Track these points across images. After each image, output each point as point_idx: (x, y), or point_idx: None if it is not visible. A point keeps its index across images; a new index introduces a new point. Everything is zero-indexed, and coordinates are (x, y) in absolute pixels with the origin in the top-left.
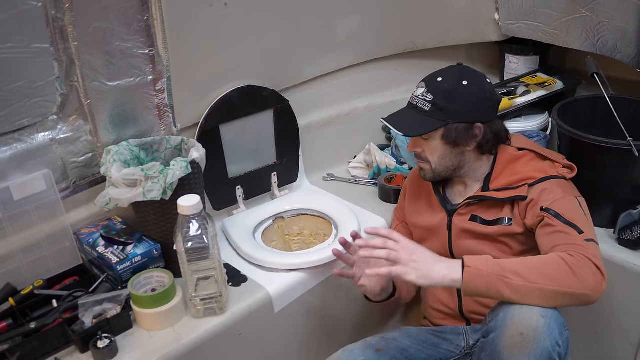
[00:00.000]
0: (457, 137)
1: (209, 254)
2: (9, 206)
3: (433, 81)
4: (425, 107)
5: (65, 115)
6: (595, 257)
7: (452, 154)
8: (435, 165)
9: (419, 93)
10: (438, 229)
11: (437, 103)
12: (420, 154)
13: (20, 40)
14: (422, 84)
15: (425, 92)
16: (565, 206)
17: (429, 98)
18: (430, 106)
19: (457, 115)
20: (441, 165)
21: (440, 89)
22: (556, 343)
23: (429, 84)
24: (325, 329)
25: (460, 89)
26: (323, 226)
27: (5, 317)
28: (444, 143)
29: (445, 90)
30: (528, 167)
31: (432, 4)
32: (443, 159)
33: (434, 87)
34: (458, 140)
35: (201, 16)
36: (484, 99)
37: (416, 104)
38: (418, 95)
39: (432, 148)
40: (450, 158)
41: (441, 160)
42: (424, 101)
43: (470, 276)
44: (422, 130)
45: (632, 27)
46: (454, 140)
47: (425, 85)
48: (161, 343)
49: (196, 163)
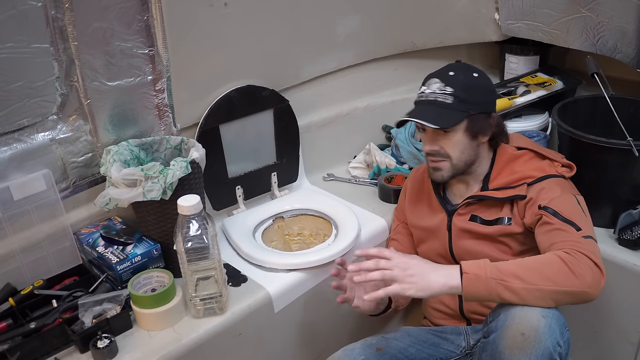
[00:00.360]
0: (479, 128)
1: (209, 254)
2: (9, 206)
3: (446, 75)
4: (447, 100)
5: (65, 115)
6: (593, 254)
7: (470, 147)
8: (456, 161)
9: (435, 88)
10: (438, 230)
11: (458, 95)
12: (439, 151)
13: (20, 40)
14: (435, 79)
15: (443, 86)
16: (563, 204)
17: (449, 91)
18: (452, 98)
19: (477, 105)
20: (461, 160)
21: (457, 82)
22: (557, 343)
23: (443, 78)
24: (325, 328)
25: (474, 80)
26: (323, 226)
27: (5, 317)
28: (465, 135)
29: (462, 82)
30: (527, 166)
31: (432, 4)
32: (463, 153)
33: (450, 80)
34: (479, 131)
35: (201, 16)
36: (492, 90)
37: (435, 99)
38: (434, 91)
39: (454, 142)
40: (469, 152)
41: (461, 155)
42: (444, 94)
43: (469, 282)
44: (450, 121)
45: (632, 27)
46: (477, 131)
47: (441, 79)
48: (161, 343)
49: (196, 163)
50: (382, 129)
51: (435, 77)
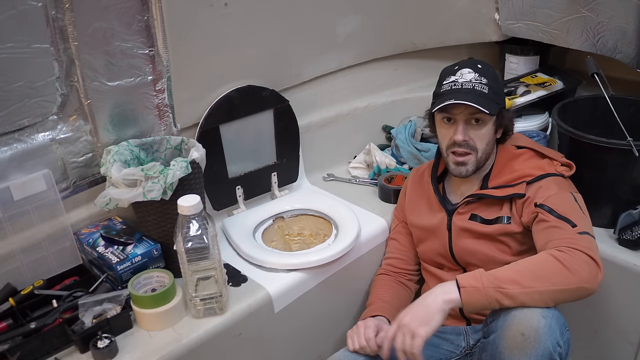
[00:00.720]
0: (504, 121)
1: (209, 254)
2: (9, 206)
3: (476, 66)
4: (484, 89)
5: (65, 115)
6: (588, 249)
7: (492, 141)
8: (481, 154)
9: (471, 77)
10: (438, 229)
11: (492, 86)
12: (468, 143)
13: (20, 40)
14: (468, 69)
15: (477, 76)
16: (559, 201)
17: (484, 81)
18: (488, 89)
19: (503, 100)
20: (485, 152)
21: (489, 74)
22: (557, 343)
23: (475, 69)
24: (325, 328)
25: (497, 75)
26: (323, 226)
27: (5, 317)
28: (493, 128)
29: (493, 74)
30: (526, 165)
31: (432, 4)
32: (488, 146)
33: (483, 72)
34: (503, 125)
35: (201, 16)
36: None
37: (473, 87)
38: (470, 80)
39: (483, 134)
40: (491, 145)
41: (486, 147)
42: (481, 84)
43: (468, 295)
44: (494, 110)
45: (632, 27)
46: (501, 125)
47: (473, 69)
48: (161, 343)
49: (196, 163)
50: (382, 129)
51: (467, 67)
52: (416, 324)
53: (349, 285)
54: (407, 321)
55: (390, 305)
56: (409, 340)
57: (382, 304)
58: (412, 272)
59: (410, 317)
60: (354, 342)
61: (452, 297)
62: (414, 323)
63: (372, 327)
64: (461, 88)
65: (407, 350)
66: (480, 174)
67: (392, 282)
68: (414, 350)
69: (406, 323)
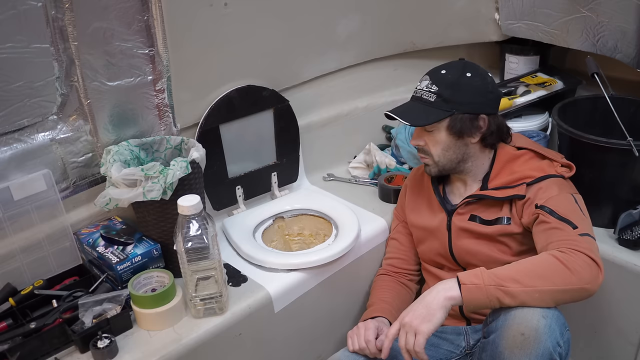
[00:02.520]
0: (462, 128)
1: (209, 254)
2: (9, 206)
3: (437, 73)
4: (430, 97)
5: (65, 115)
6: (589, 250)
7: (456, 146)
8: (437, 158)
9: (423, 85)
10: (437, 229)
11: (441, 94)
12: (423, 147)
13: (20, 40)
14: (426, 76)
15: (429, 84)
16: (559, 203)
17: (434, 89)
18: (435, 97)
19: (462, 105)
20: (445, 157)
21: (444, 80)
22: (557, 343)
23: (432, 76)
24: (325, 329)
25: (464, 80)
26: (323, 226)
27: (5, 317)
28: (448, 134)
29: (449, 81)
30: (526, 166)
31: (432, 4)
32: (447, 151)
33: (438, 79)
34: (463, 131)
35: (201, 16)
36: (487, 91)
37: (420, 95)
38: (422, 88)
39: (436, 140)
40: (454, 150)
41: (445, 153)
42: (429, 92)
43: (469, 293)
44: (427, 120)
45: (632, 27)
46: (459, 131)
47: (430, 77)
48: (161, 343)
49: (196, 163)
50: (382, 129)
51: (427, 74)
52: (418, 322)
53: (349, 285)
54: (409, 320)
55: (391, 306)
56: (412, 338)
57: (383, 305)
58: (413, 272)
59: (411, 315)
60: (354, 342)
61: (453, 294)
62: (416, 321)
63: (372, 329)
64: (413, 96)
65: (411, 349)
66: (479, 175)
67: (393, 283)
68: (417, 348)
69: (408, 321)
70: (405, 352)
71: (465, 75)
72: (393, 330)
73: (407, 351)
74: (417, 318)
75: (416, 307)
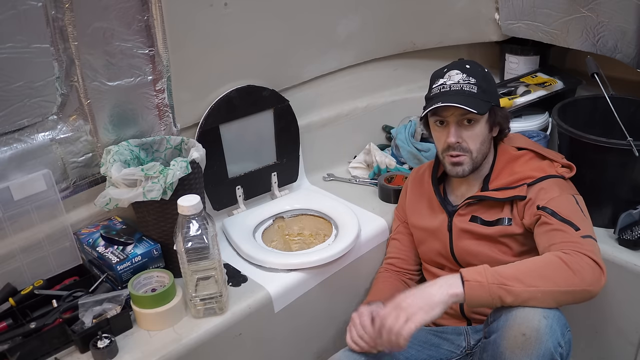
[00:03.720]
0: (497, 120)
1: (209, 254)
2: (9, 206)
3: (464, 67)
4: (473, 89)
5: (65, 115)
6: (592, 253)
7: (487, 140)
8: (476, 154)
9: (460, 78)
10: (438, 230)
11: (481, 85)
12: (461, 144)
13: (20, 40)
14: (455, 71)
15: (466, 77)
16: (561, 204)
17: (473, 81)
18: (477, 88)
19: (495, 97)
20: (480, 152)
21: (478, 73)
22: (558, 344)
23: (463, 69)
24: (325, 329)
25: (487, 74)
26: (323, 226)
27: (5, 317)
28: (486, 127)
29: (481, 74)
30: (527, 167)
31: (432, 4)
32: (483, 145)
33: (471, 72)
34: (497, 123)
35: (201, 16)
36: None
37: (461, 87)
38: (459, 81)
39: (476, 133)
40: (486, 144)
41: (481, 147)
42: (469, 84)
43: (472, 290)
44: (483, 109)
45: (632, 27)
46: (494, 123)
47: (461, 70)
48: (161, 343)
49: (196, 163)
50: (382, 129)
51: (455, 69)
52: (415, 309)
53: (349, 285)
54: (406, 305)
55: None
56: (402, 322)
57: (381, 295)
58: (413, 272)
59: (410, 301)
60: (352, 333)
61: (456, 291)
62: (413, 307)
63: (366, 314)
64: (449, 90)
65: (395, 331)
66: (480, 176)
67: (393, 279)
68: (402, 332)
69: (405, 306)
70: (386, 332)
71: (484, 69)
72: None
73: (389, 331)
74: (414, 305)
75: (417, 295)
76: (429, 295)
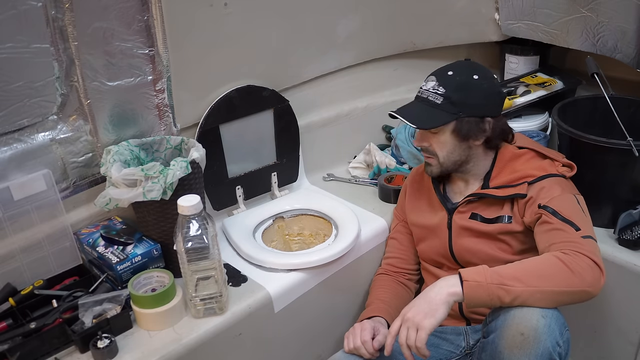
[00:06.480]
0: (468, 131)
1: (209, 254)
2: (9, 206)
3: (444, 75)
4: (437, 100)
5: (65, 115)
6: (592, 253)
7: (460, 148)
8: (442, 160)
9: (430, 86)
10: (438, 228)
11: (449, 96)
12: (428, 148)
13: (20, 40)
14: (432, 77)
15: (436, 86)
16: (562, 203)
17: (441, 91)
18: (442, 99)
19: (469, 108)
20: (449, 159)
21: (452, 83)
22: (556, 343)
23: (439, 77)
24: (325, 329)
25: (472, 82)
26: (323, 226)
27: (5, 317)
28: (453, 137)
29: (457, 83)
30: (528, 165)
31: (432, 4)
32: (451, 154)
33: (445, 81)
34: (469, 135)
35: (201, 16)
36: (494, 93)
37: (426, 97)
38: (428, 89)
39: (442, 142)
40: (459, 152)
41: (449, 155)
42: (435, 94)
43: (471, 289)
44: (434, 122)
45: (632, 27)
46: (465, 134)
47: (436, 78)
48: (161, 343)
49: (196, 163)
50: (382, 129)
51: (433, 75)
52: (420, 317)
53: (349, 285)
54: (411, 315)
55: (389, 306)
56: (414, 333)
57: (381, 305)
58: (412, 271)
59: (414, 311)
60: (349, 343)
61: (456, 290)
62: (418, 316)
63: (368, 329)
64: (419, 97)
65: (412, 344)
66: (480, 174)
67: (392, 282)
68: (418, 344)
69: (410, 317)
70: (405, 349)
71: (472, 77)
72: (395, 327)
73: (407, 347)
74: (419, 313)
75: (418, 302)
76: (430, 299)
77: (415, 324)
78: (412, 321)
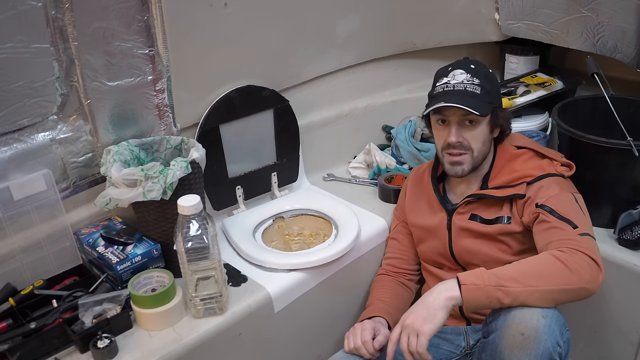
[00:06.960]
0: (500, 121)
1: (209, 254)
2: (9, 206)
3: (469, 67)
4: (476, 90)
5: (65, 115)
6: (589, 250)
7: (488, 140)
8: (477, 153)
9: (463, 78)
10: (438, 229)
11: (484, 86)
12: (462, 143)
13: (20, 40)
14: (460, 70)
15: (470, 77)
16: (559, 202)
17: (476, 82)
18: (480, 89)
19: (498, 99)
20: (481, 152)
21: (481, 74)
22: (557, 343)
23: (467, 69)
24: (325, 329)
25: (490, 74)
26: (323, 226)
27: (5, 317)
28: (488, 127)
29: (484, 74)
30: (526, 165)
31: (432, 4)
32: (484, 145)
33: (475, 72)
34: (499, 124)
35: (201, 16)
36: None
37: (464, 88)
38: (462, 81)
39: (477, 133)
40: (487, 145)
41: (482, 147)
42: (473, 85)
43: (469, 293)
44: (485, 110)
45: (632, 27)
46: (496, 124)
47: (466, 70)
48: (161, 343)
49: (196, 163)
50: (382, 129)
51: (459, 68)
52: (420, 323)
53: (349, 285)
54: (411, 321)
55: (389, 306)
56: (414, 339)
57: (381, 305)
58: (413, 272)
59: (413, 317)
60: (349, 343)
61: (454, 294)
62: (418, 322)
63: (368, 330)
64: (453, 89)
65: (413, 350)
66: (479, 174)
67: (392, 283)
68: (419, 349)
69: (409, 323)
70: (407, 355)
71: (488, 69)
72: (395, 334)
73: (409, 353)
74: (418, 319)
75: (417, 308)
76: (429, 304)
77: (415, 329)
78: (412, 327)
